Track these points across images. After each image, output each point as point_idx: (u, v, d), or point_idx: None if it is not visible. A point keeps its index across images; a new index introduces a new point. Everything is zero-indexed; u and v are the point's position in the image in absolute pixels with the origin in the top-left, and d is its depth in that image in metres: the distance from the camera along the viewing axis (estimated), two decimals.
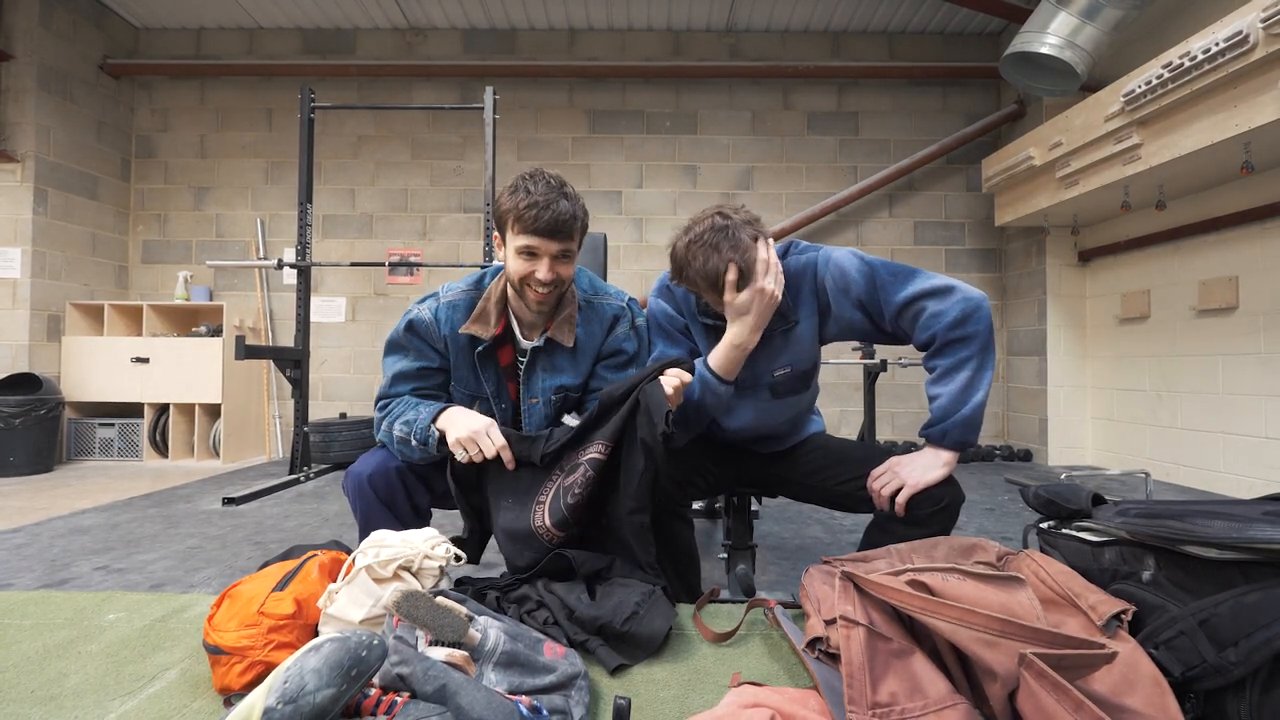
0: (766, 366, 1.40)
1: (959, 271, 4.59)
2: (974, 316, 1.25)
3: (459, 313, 1.37)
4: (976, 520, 2.67)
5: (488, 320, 1.34)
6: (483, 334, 1.33)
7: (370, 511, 1.34)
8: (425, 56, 4.65)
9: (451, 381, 1.42)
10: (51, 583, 1.82)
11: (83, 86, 4.26)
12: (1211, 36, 2.45)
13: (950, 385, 1.25)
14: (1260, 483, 2.96)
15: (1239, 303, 3.07)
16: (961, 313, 1.24)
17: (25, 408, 3.57)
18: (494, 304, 1.35)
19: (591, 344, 1.41)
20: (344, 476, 1.38)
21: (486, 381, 1.39)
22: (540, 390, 1.40)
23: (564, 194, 1.25)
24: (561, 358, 1.39)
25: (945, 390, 1.26)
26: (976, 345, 1.25)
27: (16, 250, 3.93)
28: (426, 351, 1.38)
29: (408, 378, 1.38)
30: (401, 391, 1.38)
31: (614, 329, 1.42)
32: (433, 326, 1.37)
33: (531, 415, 1.42)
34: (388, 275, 4.61)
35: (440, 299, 1.39)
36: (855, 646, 0.86)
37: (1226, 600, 0.83)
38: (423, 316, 1.37)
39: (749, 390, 1.41)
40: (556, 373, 1.39)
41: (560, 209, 1.23)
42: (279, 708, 0.74)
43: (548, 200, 1.22)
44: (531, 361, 1.38)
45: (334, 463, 3.83)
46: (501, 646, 0.96)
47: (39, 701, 0.99)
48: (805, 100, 4.67)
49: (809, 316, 1.39)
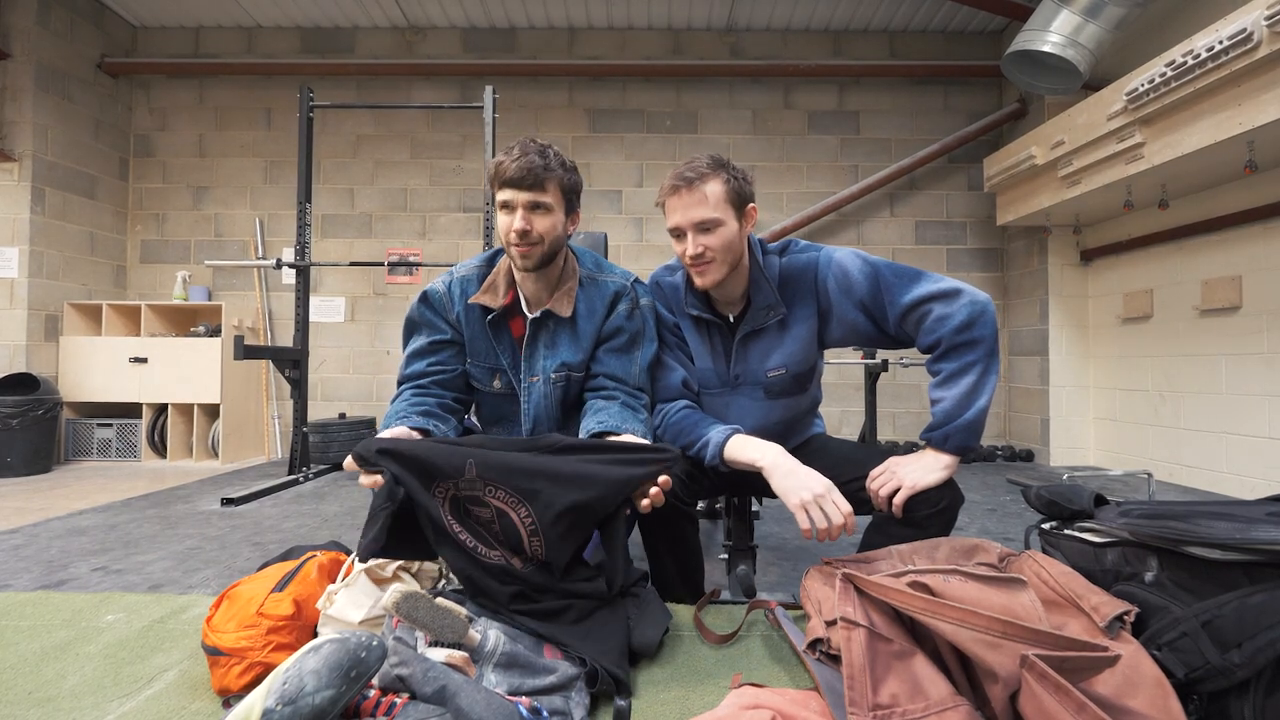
0: (760, 364, 1.40)
1: (960, 271, 4.59)
2: (980, 320, 1.24)
3: (472, 285, 1.41)
4: (978, 521, 2.66)
5: (496, 291, 1.38)
6: (491, 303, 1.37)
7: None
8: (425, 55, 4.65)
9: (470, 359, 1.43)
10: (49, 584, 1.81)
11: (81, 85, 4.25)
12: (1215, 35, 2.44)
13: (955, 389, 1.24)
14: (1264, 483, 2.95)
15: (1242, 302, 3.06)
16: (969, 316, 1.24)
17: (23, 408, 3.57)
18: (503, 276, 1.40)
19: (592, 319, 1.40)
20: None
21: (503, 353, 1.41)
22: (541, 369, 1.40)
23: (540, 152, 1.28)
24: (561, 333, 1.39)
25: (949, 394, 1.24)
26: (983, 350, 1.24)
27: (14, 250, 3.92)
28: (438, 324, 1.42)
29: (421, 354, 1.41)
30: (416, 372, 1.40)
31: (615, 306, 1.40)
32: (445, 299, 1.41)
33: (531, 394, 1.41)
34: (387, 275, 4.60)
35: (454, 275, 1.44)
36: (856, 648, 0.86)
37: (1230, 601, 0.82)
38: (436, 289, 1.42)
39: (743, 387, 1.42)
40: (556, 348, 1.39)
41: (531, 160, 1.26)
42: (278, 709, 0.74)
43: (521, 154, 1.27)
44: (533, 336, 1.39)
45: (333, 463, 3.83)
46: (501, 647, 0.96)
47: (37, 703, 0.98)
48: (806, 99, 4.66)
49: (807, 318, 1.38)
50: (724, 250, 1.30)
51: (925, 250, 4.61)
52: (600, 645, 1.03)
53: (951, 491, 1.22)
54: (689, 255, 1.30)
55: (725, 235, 1.29)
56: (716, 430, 1.30)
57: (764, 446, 1.26)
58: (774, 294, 1.35)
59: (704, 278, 1.32)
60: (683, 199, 1.29)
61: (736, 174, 1.31)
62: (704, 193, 1.28)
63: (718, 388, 1.43)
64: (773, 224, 4.52)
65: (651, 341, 1.41)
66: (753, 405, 1.42)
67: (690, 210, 1.28)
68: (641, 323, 1.41)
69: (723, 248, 1.29)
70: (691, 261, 1.31)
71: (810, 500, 1.16)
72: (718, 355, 1.42)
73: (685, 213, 1.29)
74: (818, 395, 1.56)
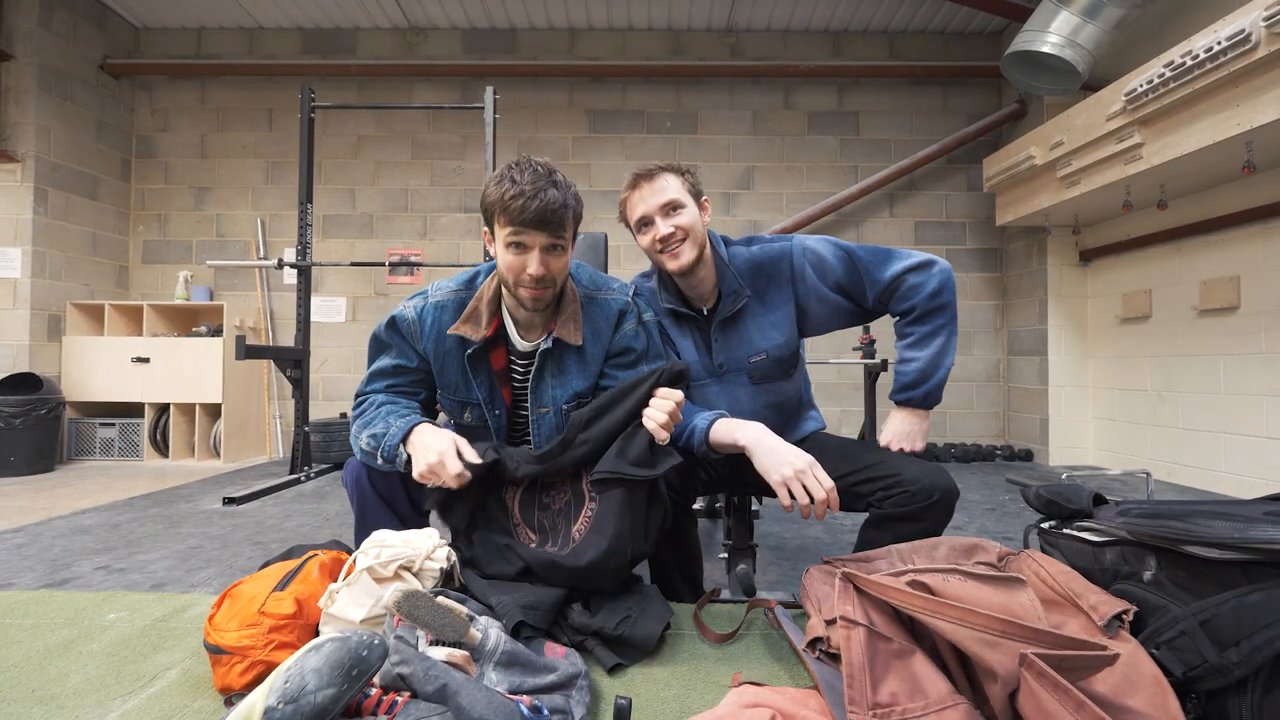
0: (741, 351, 1.44)
1: (960, 271, 4.59)
2: (947, 286, 1.38)
3: (447, 313, 1.30)
4: (977, 520, 2.67)
5: (479, 321, 1.27)
6: (473, 335, 1.26)
7: (367, 507, 1.30)
8: (425, 56, 4.65)
9: (439, 389, 1.35)
10: (52, 582, 1.82)
11: (83, 86, 4.26)
12: (1214, 35, 2.45)
13: (928, 350, 1.37)
14: (1261, 483, 2.96)
15: (1241, 302, 3.07)
16: (940, 283, 1.37)
17: (26, 408, 3.58)
18: (485, 304, 1.28)
19: (599, 342, 1.33)
20: (344, 467, 1.34)
21: (478, 386, 1.31)
22: (551, 399, 1.32)
23: (553, 182, 1.18)
24: (570, 360, 1.31)
25: (923, 354, 1.37)
26: (949, 313, 1.38)
27: (17, 250, 3.93)
28: (405, 350, 1.32)
29: (384, 374, 1.33)
30: (376, 389, 1.32)
31: (620, 325, 1.35)
32: (414, 326, 1.30)
33: (541, 427, 1.34)
34: (388, 275, 4.61)
35: (428, 298, 1.32)
36: (856, 647, 0.86)
37: (1228, 600, 0.83)
38: (406, 315, 1.31)
39: (729, 374, 1.45)
40: (566, 378, 1.31)
41: (549, 197, 1.15)
42: (280, 707, 0.74)
43: (535, 189, 1.15)
44: (540, 367, 1.30)
45: (334, 462, 3.84)
46: (502, 646, 0.96)
47: (40, 701, 0.99)
48: (806, 100, 4.67)
49: (783, 304, 1.43)
50: (692, 230, 1.35)
51: (925, 250, 4.60)
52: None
53: (945, 483, 1.22)
54: (660, 237, 1.34)
55: (690, 216, 1.35)
56: (702, 417, 1.31)
57: (746, 426, 1.27)
58: (737, 280, 1.41)
59: (678, 260, 1.35)
60: (643, 190, 1.36)
61: (687, 171, 1.40)
62: (663, 182, 1.36)
63: (705, 379, 1.46)
64: (772, 224, 4.52)
65: (657, 357, 1.39)
66: (740, 393, 1.45)
67: (653, 197, 1.35)
68: (647, 340, 1.38)
69: (690, 227, 1.35)
70: (662, 245, 1.35)
71: (791, 476, 1.17)
72: (700, 348, 1.45)
73: (650, 200, 1.35)
74: (804, 384, 1.58)
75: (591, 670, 1.05)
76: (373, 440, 1.22)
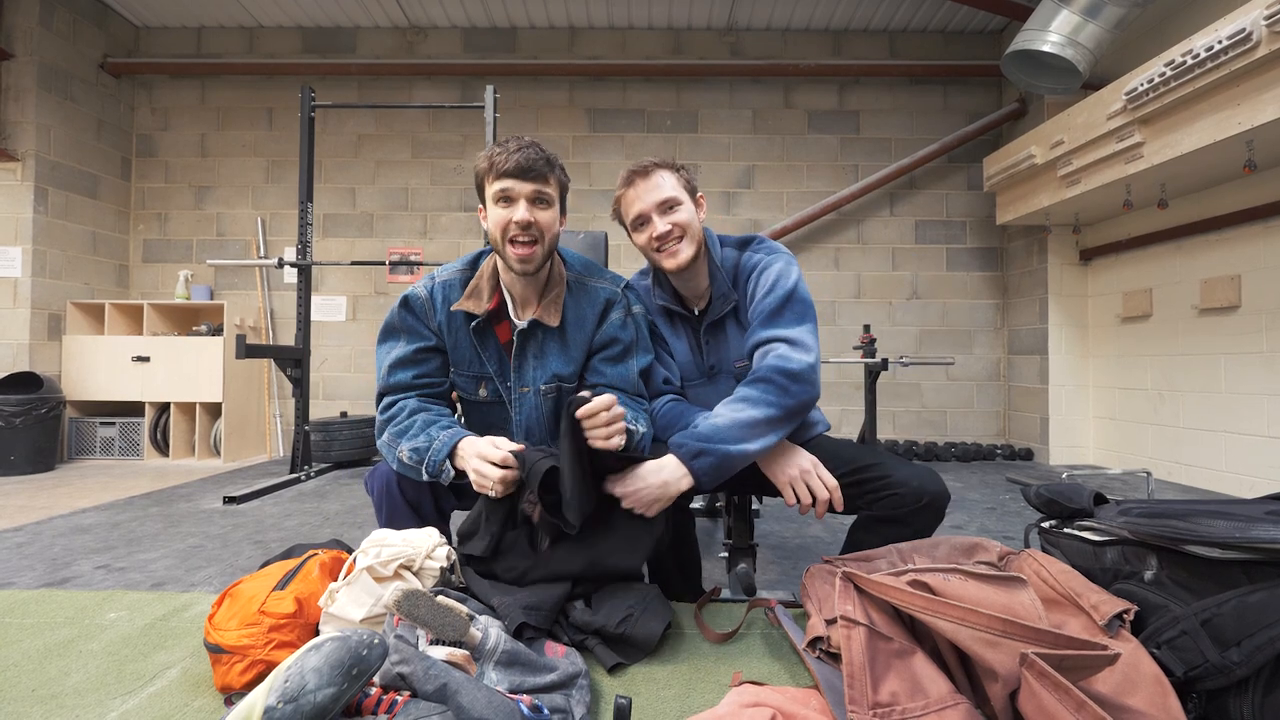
0: (728, 355, 1.43)
1: (960, 270, 4.60)
2: (807, 383, 1.24)
3: (454, 290, 1.35)
4: (978, 519, 2.67)
5: (480, 295, 1.33)
6: (475, 309, 1.31)
7: (395, 514, 1.30)
8: (426, 55, 4.65)
9: (453, 368, 1.37)
10: (53, 581, 1.82)
11: (83, 85, 4.26)
12: (1214, 34, 2.44)
13: (741, 416, 1.20)
14: (1263, 482, 2.96)
15: (1241, 302, 3.06)
16: (801, 370, 1.23)
17: (26, 407, 3.58)
18: (486, 280, 1.34)
19: (582, 328, 1.35)
20: (369, 474, 1.34)
21: (488, 360, 1.35)
22: (531, 379, 1.35)
23: (535, 145, 1.25)
24: (550, 342, 1.34)
25: (734, 417, 1.20)
26: (788, 407, 1.22)
27: (17, 249, 3.93)
28: (421, 330, 1.35)
29: (405, 363, 1.34)
30: (402, 383, 1.33)
31: (607, 315, 1.36)
32: (427, 304, 1.34)
33: (521, 405, 1.37)
34: (388, 274, 4.61)
35: (436, 279, 1.37)
36: (856, 646, 0.86)
37: (1229, 600, 0.83)
38: (419, 293, 1.35)
39: (720, 377, 1.44)
40: (545, 359, 1.35)
41: (530, 152, 1.23)
42: (280, 706, 0.74)
43: (518, 146, 1.23)
44: (521, 346, 1.34)
45: (335, 462, 3.84)
46: (503, 645, 0.96)
47: (40, 700, 0.99)
48: (806, 99, 4.66)
49: None
50: (689, 227, 1.33)
51: (925, 249, 4.61)
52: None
53: (935, 486, 1.22)
54: (656, 235, 1.33)
55: (687, 213, 1.34)
56: (702, 417, 1.31)
57: None
58: (727, 283, 1.39)
59: (675, 258, 1.33)
60: (639, 188, 1.34)
61: (682, 167, 1.38)
62: (659, 178, 1.34)
63: (698, 379, 1.46)
64: (773, 223, 4.52)
65: (647, 352, 1.40)
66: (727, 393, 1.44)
67: (650, 194, 1.33)
68: (635, 331, 1.38)
69: (687, 224, 1.33)
70: (659, 242, 1.34)
71: (796, 476, 1.19)
72: (693, 349, 1.45)
73: (646, 198, 1.33)
74: None
75: (592, 669, 1.05)
76: (415, 454, 1.22)
